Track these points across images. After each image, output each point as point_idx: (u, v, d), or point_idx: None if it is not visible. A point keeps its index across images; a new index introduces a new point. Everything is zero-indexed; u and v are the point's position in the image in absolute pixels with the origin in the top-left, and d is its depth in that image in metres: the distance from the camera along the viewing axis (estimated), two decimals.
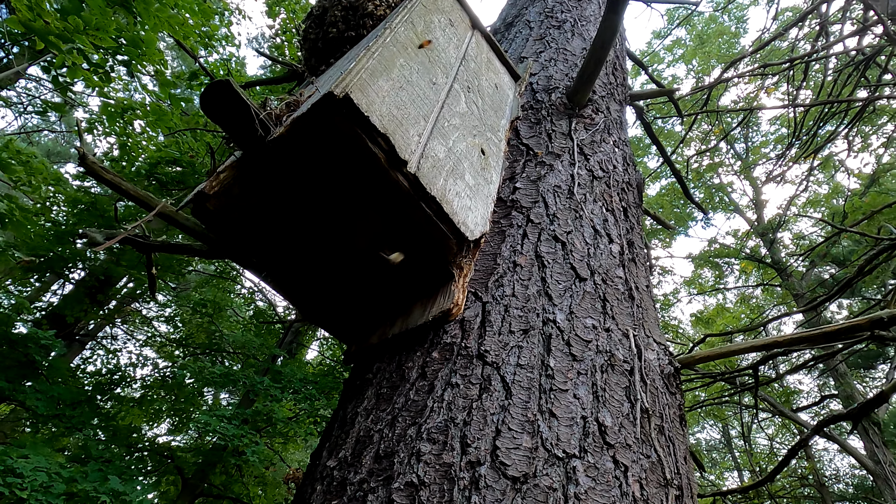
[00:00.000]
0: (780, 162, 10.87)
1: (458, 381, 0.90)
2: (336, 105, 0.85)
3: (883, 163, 13.34)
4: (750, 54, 9.20)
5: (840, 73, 8.32)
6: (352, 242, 1.05)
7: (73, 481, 5.64)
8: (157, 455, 9.33)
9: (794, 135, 8.80)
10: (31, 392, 6.94)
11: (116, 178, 1.30)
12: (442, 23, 1.34)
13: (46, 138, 24.04)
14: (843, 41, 8.72)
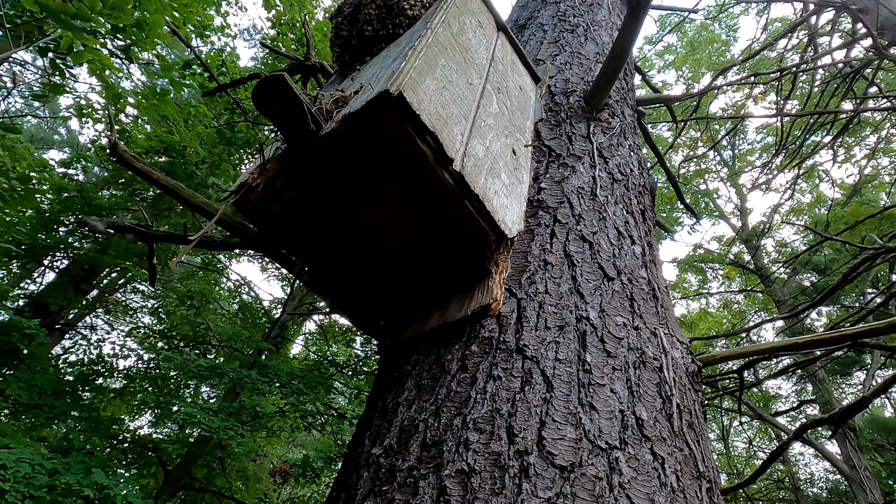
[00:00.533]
0: (765, 170, 11.06)
1: (500, 373, 0.93)
2: (389, 103, 0.87)
3: (865, 174, 13.61)
4: (740, 63, 9.35)
5: (827, 85, 8.49)
6: (391, 238, 1.07)
7: (55, 473, 5.57)
8: (139, 447, 9.23)
9: (780, 144, 8.95)
10: (13, 381, 6.83)
11: (147, 168, 1.31)
12: (473, 24, 1.37)
13: (29, 124, 23.61)
14: (832, 53, 8.90)
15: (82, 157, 9.65)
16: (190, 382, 10.75)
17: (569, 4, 2.46)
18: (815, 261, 15.64)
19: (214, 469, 10.18)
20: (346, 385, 9.18)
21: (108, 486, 5.82)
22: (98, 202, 8.63)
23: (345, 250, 1.12)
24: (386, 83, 0.89)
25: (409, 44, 1.10)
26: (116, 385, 10.05)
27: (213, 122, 9.46)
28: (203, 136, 9.26)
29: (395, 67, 0.95)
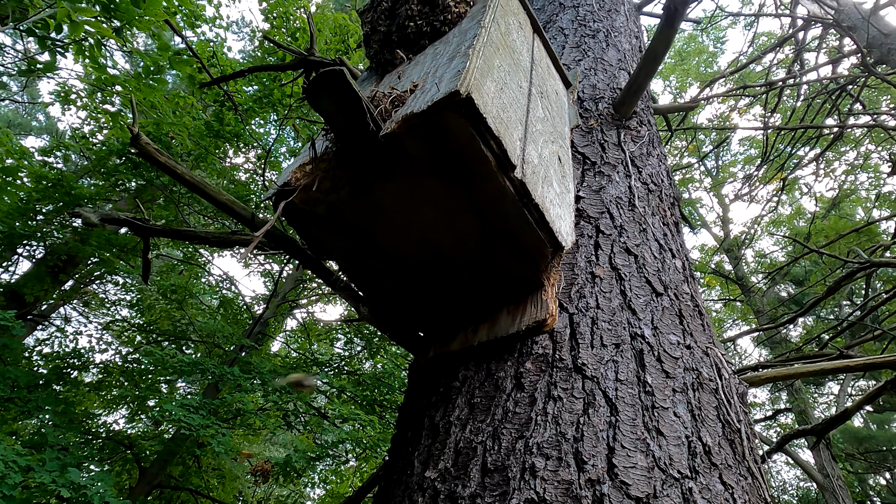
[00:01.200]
0: (748, 182, 11.21)
1: (561, 394, 0.88)
2: (456, 104, 0.82)
3: (844, 188, 13.90)
4: (727, 75, 9.47)
5: (812, 100, 8.63)
6: (440, 244, 1.02)
7: (29, 470, 5.40)
8: (114, 443, 9.01)
9: (764, 156, 9.08)
10: None
11: (170, 162, 1.24)
12: (515, 25, 1.32)
13: (6, 108, 23.01)
14: (818, 69, 9.05)
15: (64, 145, 9.41)
16: (168, 378, 10.55)
17: (587, 9, 2.43)
18: (793, 272, 15.92)
19: (191, 467, 10.00)
20: (330, 384, 9.07)
21: (84, 486, 5.66)
22: (78, 191, 8.42)
23: (389, 257, 1.06)
24: (452, 83, 0.83)
25: (462, 42, 1.05)
26: (91, 379, 9.80)
27: (201, 114, 9.30)
28: (191, 127, 9.09)
29: (458, 66, 0.89)
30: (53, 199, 8.29)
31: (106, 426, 9.55)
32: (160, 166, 1.25)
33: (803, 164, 10.03)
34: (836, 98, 8.18)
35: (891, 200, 13.53)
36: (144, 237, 2.26)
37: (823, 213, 13.89)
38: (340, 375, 9.96)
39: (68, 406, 7.83)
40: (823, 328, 13.28)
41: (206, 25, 8.71)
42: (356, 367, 10.28)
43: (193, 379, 9.84)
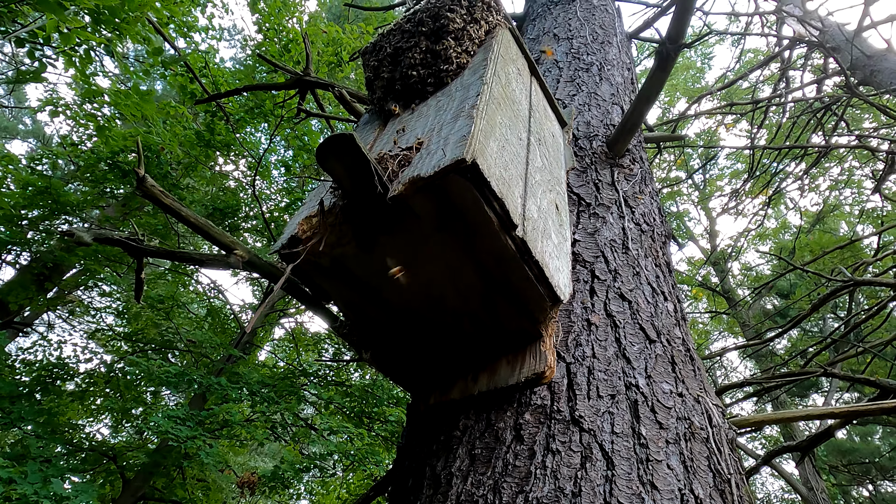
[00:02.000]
0: (735, 196, 11.37)
1: (559, 447, 0.92)
2: (462, 170, 0.85)
3: (829, 203, 14.13)
4: (715, 91, 9.64)
5: (798, 118, 8.79)
6: (441, 296, 1.05)
7: (11, 482, 5.33)
8: (97, 454, 8.89)
9: (751, 171, 9.22)
10: None
11: (176, 204, 1.26)
12: (514, 73, 1.36)
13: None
14: (803, 88, 9.23)
15: (52, 152, 9.34)
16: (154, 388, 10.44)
17: (581, 42, 2.48)
18: (779, 285, 16.13)
19: (175, 479, 9.88)
20: (319, 396, 9.04)
21: (66, 497, 5.60)
22: (66, 198, 8.35)
23: (392, 307, 1.09)
24: (458, 149, 0.87)
25: (465, 98, 1.08)
26: (74, 388, 9.67)
27: (191, 124, 9.27)
28: (181, 137, 9.07)
29: (463, 130, 0.93)
30: (40, 205, 8.23)
31: (89, 437, 9.43)
32: (165, 208, 1.27)
33: (789, 180, 10.20)
34: (820, 116, 8.35)
35: (873, 217, 13.77)
36: (138, 257, 2.27)
37: (808, 227, 14.11)
38: (328, 386, 9.93)
39: (51, 416, 7.73)
40: (808, 342, 13.45)
41: (198, 36, 8.72)
42: (344, 377, 10.25)
43: (180, 389, 9.76)
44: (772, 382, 5.80)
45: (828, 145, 7.67)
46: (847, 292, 6.53)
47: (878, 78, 7.97)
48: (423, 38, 1.33)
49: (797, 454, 10.36)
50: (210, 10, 8.73)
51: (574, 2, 2.95)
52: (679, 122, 9.21)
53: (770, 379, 5.53)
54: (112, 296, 11.19)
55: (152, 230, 9.06)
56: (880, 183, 8.31)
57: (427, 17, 1.36)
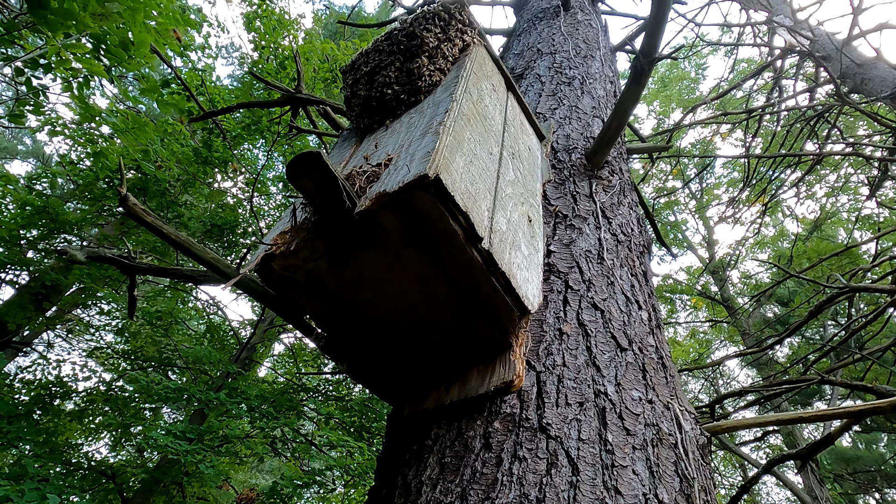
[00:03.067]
0: (732, 204, 11.43)
1: (526, 454, 0.94)
2: (426, 185, 0.88)
3: (826, 210, 14.17)
4: (709, 101, 9.72)
5: (792, 126, 8.86)
6: (413, 308, 1.07)
7: (8, 501, 5.31)
8: (95, 472, 8.84)
9: (746, 180, 9.29)
10: None
11: (157, 222, 1.29)
12: (488, 89, 1.39)
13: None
14: (796, 97, 9.31)
15: (51, 171, 9.41)
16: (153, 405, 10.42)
17: (564, 56, 2.53)
18: (778, 293, 16.12)
19: (175, 497, 9.82)
20: (318, 411, 9.02)
21: None
22: (64, 217, 8.39)
23: (365, 320, 1.12)
24: (422, 164, 0.90)
25: (434, 115, 1.12)
26: (73, 407, 9.65)
27: (189, 141, 9.35)
28: (178, 153, 9.13)
29: (428, 146, 0.96)
30: (38, 225, 8.27)
31: (88, 456, 9.39)
32: (147, 226, 1.30)
33: (785, 188, 10.26)
34: (813, 124, 8.42)
35: (870, 223, 13.81)
36: (131, 275, 2.30)
37: (806, 234, 14.14)
38: (328, 401, 9.90)
39: (50, 436, 7.71)
40: (809, 350, 13.43)
41: (194, 54, 8.82)
42: (344, 392, 10.23)
43: (179, 405, 9.74)
44: (771, 391, 5.79)
45: (820, 153, 7.72)
46: (846, 299, 6.55)
47: (868, 86, 8.04)
48: (399, 56, 1.37)
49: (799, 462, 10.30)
50: (206, 29, 8.84)
51: (558, 17, 3.00)
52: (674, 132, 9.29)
53: (769, 387, 5.52)
54: (111, 314, 11.21)
55: (150, 247, 9.09)
56: (875, 190, 8.35)
57: (402, 37, 1.40)
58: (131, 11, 2.99)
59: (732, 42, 11.74)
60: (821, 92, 9.04)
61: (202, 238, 10.32)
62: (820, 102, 8.56)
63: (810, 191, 14.06)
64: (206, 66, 9.38)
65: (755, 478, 3.98)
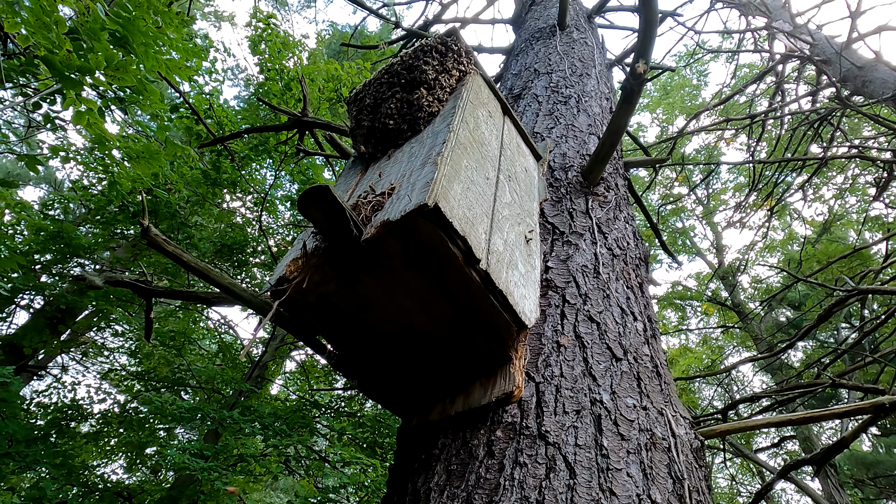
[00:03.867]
0: (739, 209, 11.44)
1: (526, 460, 1.01)
2: (426, 213, 0.96)
3: (834, 212, 14.12)
4: (712, 108, 9.79)
5: (795, 130, 8.90)
6: (418, 326, 1.15)
7: None
8: (112, 494, 8.92)
9: (752, 184, 9.32)
10: None
11: (177, 251, 1.38)
12: (484, 115, 1.48)
13: (5, 159, 23.35)
14: (799, 101, 9.36)
15: (64, 197, 9.60)
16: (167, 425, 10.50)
17: (560, 75, 2.62)
18: (789, 297, 16.02)
19: None
20: (331, 427, 9.06)
21: None
22: (77, 241, 8.55)
23: (374, 337, 1.20)
24: (422, 194, 0.98)
25: (433, 145, 1.20)
26: (89, 429, 9.76)
27: (198, 163, 9.51)
28: (188, 176, 9.30)
29: (427, 176, 1.04)
30: (52, 249, 8.44)
31: (104, 478, 9.48)
32: (168, 255, 1.39)
33: (792, 191, 10.28)
34: (817, 127, 8.47)
35: (879, 223, 13.75)
36: (147, 298, 2.40)
37: (815, 237, 14.09)
38: (340, 417, 9.95)
39: (66, 458, 7.82)
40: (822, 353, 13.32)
41: (201, 78, 9.01)
42: (356, 408, 10.27)
43: (192, 425, 9.82)
44: (785, 395, 5.79)
45: (824, 157, 7.75)
46: (857, 301, 6.55)
47: (869, 88, 8.07)
48: (399, 88, 1.46)
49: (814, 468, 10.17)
50: (213, 54, 9.05)
51: (554, 36, 3.10)
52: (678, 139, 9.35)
53: (781, 391, 5.53)
54: (125, 335, 11.35)
55: (162, 269, 9.23)
56: (881, 191, 8.35)
57: (402, 69, 1.49)
58: (144, 47, 3.12)
59: (733, 49, 11.83)
60: (823, 95, 9.09)
61: (213, 258, 10.46)
62: (823, 106, 8.60)
63: (817, 193, 14.05)
64: (214, 90, 9.58)
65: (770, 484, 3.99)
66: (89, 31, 3.38)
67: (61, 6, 2.95)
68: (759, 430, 1.89)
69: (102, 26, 3.53)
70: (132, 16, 3.10)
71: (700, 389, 18.01)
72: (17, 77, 4.93)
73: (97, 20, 3.54)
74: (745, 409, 14.36)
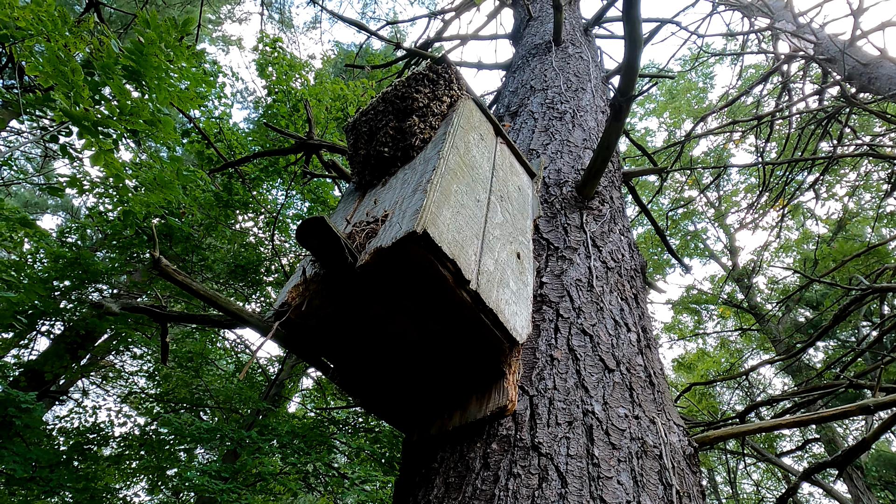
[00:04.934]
0: (751, 210, 11.39)
1: (520, 471, 1.05)
2: (416, 239, 1.02)
3: (849, 209, 13.98)
4: (718, 110, 9.78)
5: (804, 128, 8.88)
6: (414, 345, 1.20)
7: None
8: None
9: (763, 185, 9.29)
10: (7, 454, 6.77)
11: (187, 280, 1.45)
12: (476, 139, 1.54)
13: (23, 189, 23.90)
14: (806, 100, 9.34)
15: (82, 224, 9.81)
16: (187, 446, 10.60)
17: (555, 91, 2.68)
18: (807, 297, 15.83)
19: None
20: (348, 444, 9.10)
21: None
22: (95, 267, 8.72)
23: (373, 357, 1.25)
24: (412, 221, 1.04)
25: (424, 172, 1.26)
26: (110, 452, 9.88)
27: (210, 185, 9.68)
28: (200, 199, 9.47)
29: (417, 203, 1.10)
30: (70, 276, 8.61)
31: (126, 501, 9.58)
32: (178, 284, 1.46)
33: (803, 189, 10.22)
34: (826, 124, 8.44)
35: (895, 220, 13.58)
36: (162, 323, 2.48)
37: (830, 235, 13.95)
38: (357, 433, 9.98)
39: (89, 482, 7.92)
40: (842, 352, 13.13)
41: (210, 103, 9.20)
42: (373, 423, 10.30)
43: (212, 445, 9.90)
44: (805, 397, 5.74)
45: (833, 155, 7.72)
46: (875, 299, 6.49)
47: (875, 85, 8.05)
48: (393, 117, 1.53)
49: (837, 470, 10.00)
50: (221, 79, 9.25)
51: (550, 52, 3.16)
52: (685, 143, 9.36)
53: (797, 394, 5.49)
54: (143, 358, 11.51)
55: (177, 292, 9.37)
56: (894, 188, 8.29)
57: (395, 98, 1.56)
58: (157, 81, 3.24)
59: (737, 51, 11.82)
60: (830, 93, 9.07)
61: (227, 279, 10.61)
62: (830, 104, 8.58)
63: (830, 191, 13.93)
64: (223, 114, 9.77)
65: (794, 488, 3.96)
66: (103, 66, 3.52)
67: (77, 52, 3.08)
68: (752, 434, 1.90)
69: (116, 61, 3.68)
70: (145, 51, 3.22)
71: (721, 394, 17.79)
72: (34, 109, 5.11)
73: (111, 55, 3.69)
74: (768, 412, 14.16)
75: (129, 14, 7.07)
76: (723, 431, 1.35)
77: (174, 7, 15.05)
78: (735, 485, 15.05)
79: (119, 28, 13.58)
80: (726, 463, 14.22)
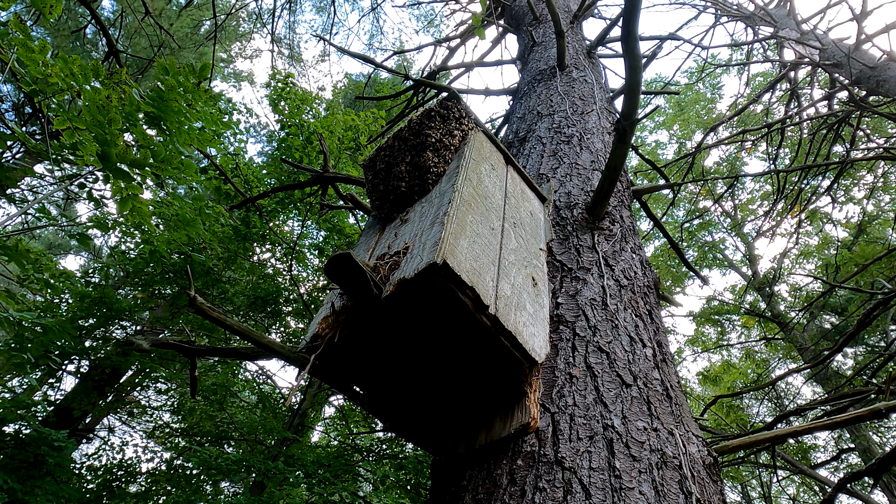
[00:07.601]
0: (767, 218, 11.32)
1: (545, 485, 1.10)
2: (436, 270, 1.09)
3: (868, 212, 13.83)
4: (727, 120, 9.82)
5: (816, 133, 8.87)
6: (438, 369, 1.27)
7: None
8: None
9: (778, 192, 9.26)
10: (40, 493, 6.88)
11: (221, 316, 1.53)
12: (487, 170, 1.62)
13: (47, 231, 24.52)
14: (815, 105, 9.35)
15: (105, 264, 10.05)
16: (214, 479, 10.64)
17: (562, 115, 2.76)
18: (831, 303, 15.56)
19: None
20: (373, 472, 9.09)
21: None
22: (118, 305, 8.92)
23: (401, 382, 1.32)
24: (431, 253, 1.12)
25: (440, 205, 1.34)
26: (137, 489, 9.95)
27: (228, 220, 9.88)
28: (219, 233, 9.68)
29: (435, 235, 1.18)
30: (95, 314, 8.81)
31: None
32: (213, 320, 1.55)
33: (819, 194, 10.16)
34: (837, 128, 8.44)
35: None
36: (191, 357, 2.57)
37: (851, 239, 13.79)
38: (381, 460, 9.96)
39: None
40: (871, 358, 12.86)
41: (227, 140, 9.45)
42: (397, 449, 10.28)
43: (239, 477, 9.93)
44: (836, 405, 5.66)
45: (846, 159, 7.70)
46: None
47: (884, 87, 8.05)
48: (408, 152, 1.62)
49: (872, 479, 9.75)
50: (236, 116, 9.53)
51: (555, 77, 3.26)
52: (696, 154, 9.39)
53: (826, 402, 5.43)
54: (167, 392, 11.64)
55: (199, 325, 9.53)
56: None
57: (409, 135, 1.65)
58: (177, 125, 3.40)
59: (743, 61, 11.89)
60: (839, 97, 9.08)
61: (247, 311, 10.76)
62: (839, 109, 8.58)
63: (848, 194, 13.80)
64: (238, 149, 10.01)
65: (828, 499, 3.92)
66: (126, 114, 3.70)
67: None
68: (764, 443, 1.89)
69: (138, 108, 3.86)
70: (166, 97, 3.38)
71: (749, 406, 17.46)
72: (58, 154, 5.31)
73: (132, 103, 3.87)
74: (798, 423, 13.81)
75: (144, 59, 7.37)
76: (737, 441, 1.39)
77: (188, 49, 15.55)
78: (770, 499, 14.68)
79: (135, 71, 14.06)
80: (759, 477, 13.91)
